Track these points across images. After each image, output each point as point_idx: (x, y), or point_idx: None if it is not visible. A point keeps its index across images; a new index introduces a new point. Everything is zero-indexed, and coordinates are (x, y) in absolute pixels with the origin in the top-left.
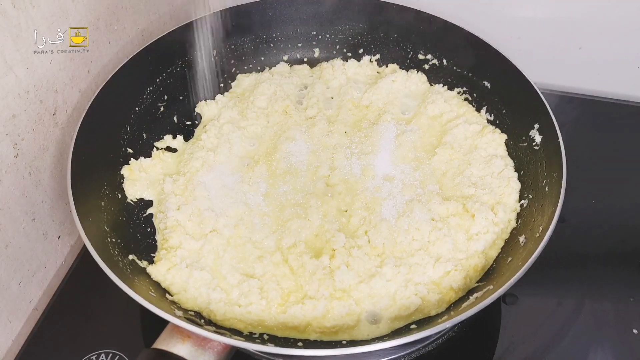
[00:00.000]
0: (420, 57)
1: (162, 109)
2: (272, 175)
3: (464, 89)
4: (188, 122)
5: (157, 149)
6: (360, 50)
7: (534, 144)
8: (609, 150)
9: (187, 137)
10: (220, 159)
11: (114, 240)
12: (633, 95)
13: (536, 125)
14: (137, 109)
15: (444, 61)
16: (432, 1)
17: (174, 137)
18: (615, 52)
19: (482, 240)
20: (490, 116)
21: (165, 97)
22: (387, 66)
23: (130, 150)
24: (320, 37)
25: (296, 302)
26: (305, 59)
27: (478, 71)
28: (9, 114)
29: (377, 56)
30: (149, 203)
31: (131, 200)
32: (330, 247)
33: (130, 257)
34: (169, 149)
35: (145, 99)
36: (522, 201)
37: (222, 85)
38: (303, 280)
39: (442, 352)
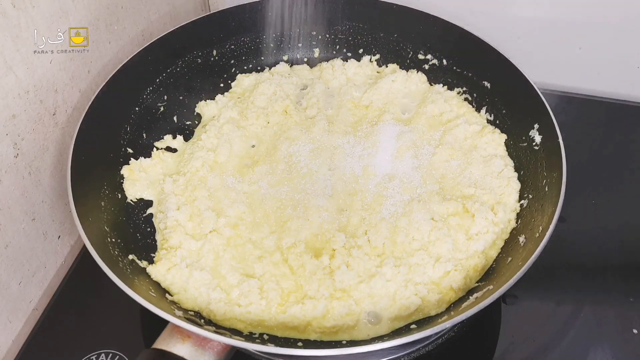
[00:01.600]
0: (420, 57)
1: (162, 109)
2: (272, 175)
3: (464, 89)
4: (188, 122)
5: (157, 149)
6: (360, 50)
7: (534, 144)
8: (609, 150)
9: (187, 137)
10: (220, 159)
11: (114, 240)
12: (633, 95)
13: (536, 125)
14: (137, 109)
15: (444, 61)
16: (432, 1)
17: (174, 137)
18: (615, 52)
19: (482, 240)
20: (490, 116)
21: (165, 97)
22: (387, 66)
23: (130, 150)
24: (320, 37)
25: (296, 302)
26: (305, 59)
27: (478, 71)
28: (9, 114)
29: (377, 56)
30: (149, 203)
31: (131, 200)
32: (330, 247)
33: (130, 257)
34: (169, 149)
35: (145, 99)
36: (522, 201)
37: (222, 85)
38: (303, 280)
39: (442, 352)
